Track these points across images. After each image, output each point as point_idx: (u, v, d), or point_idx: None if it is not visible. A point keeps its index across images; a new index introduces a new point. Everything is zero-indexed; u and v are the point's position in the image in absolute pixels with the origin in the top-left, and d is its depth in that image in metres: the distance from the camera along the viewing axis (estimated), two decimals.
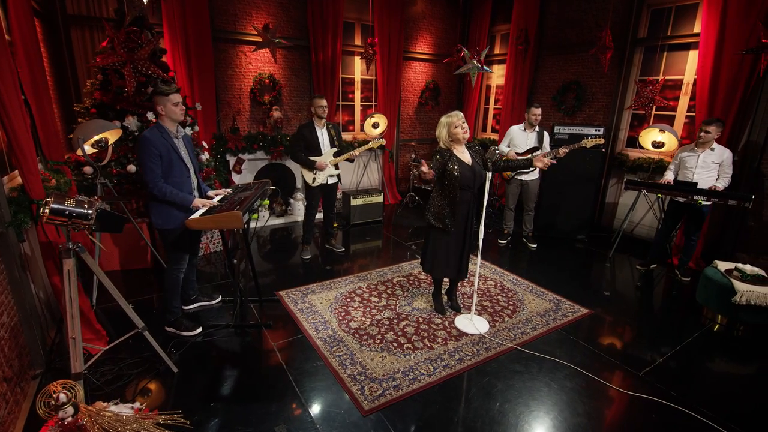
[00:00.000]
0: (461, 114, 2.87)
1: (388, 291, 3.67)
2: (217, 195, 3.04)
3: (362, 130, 6.22)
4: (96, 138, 3.38)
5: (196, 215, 2.54)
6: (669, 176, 3.98)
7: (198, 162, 4.17)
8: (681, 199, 3.79)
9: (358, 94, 6.44)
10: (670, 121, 4.78)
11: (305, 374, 2.58)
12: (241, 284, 3.09)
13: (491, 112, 7.11)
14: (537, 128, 4.58)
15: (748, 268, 3.25)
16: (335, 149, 4.19)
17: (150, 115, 3.77)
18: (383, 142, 4.47)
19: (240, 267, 3.10)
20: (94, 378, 2.46)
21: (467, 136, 2.87)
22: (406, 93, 6.78)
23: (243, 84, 5.36)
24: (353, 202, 5.44)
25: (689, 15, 4.53)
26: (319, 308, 3.34)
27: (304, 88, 5.80)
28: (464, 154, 2.93)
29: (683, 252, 4.12)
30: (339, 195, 5.89)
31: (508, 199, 4.89)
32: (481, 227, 2.94)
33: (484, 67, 4.97)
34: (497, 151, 2.87)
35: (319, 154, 4.12)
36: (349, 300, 3.48)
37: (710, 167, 3.73)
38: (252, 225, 5.37)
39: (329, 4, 5.47)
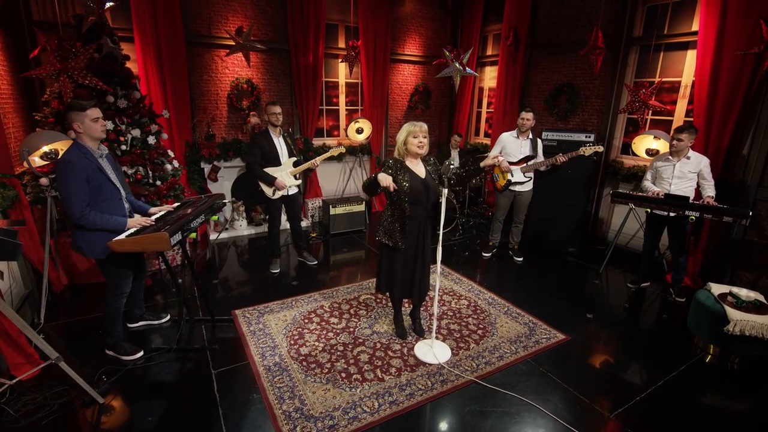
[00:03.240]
0: (425, 127, 2.65)
1: (351, 311, 3.45)
2: (159, 211, 2.86)
3: (347, 135, 6.01)
4: (45, 149, 3.26)
5: (121, 237, 2.36)
6: (652, 187, 3.66)
7: (162, 172, 4.04)
8: (659, 212, 3.56)
9: (342, 98, 6.22)
10: (667, 126, 4.43)
11: (237, 408, 2.38)
12: (186, 308, 2.92)
13: (484, 116, 6.82)
14: (531, 135, 4.28)
15: (743, 292, 2.92)
16: (294, 159, 3.99)
17: (108, 124, 3.63)
18: (343, 150, 4.24)
19: (184, 285, 2.93)
20: (12, 409, 2.30)
21: (422, 152, 2.64)
22: (394, 96, 6.54)
23: (219, 89, 5.21)
24: (332, 211, 5.24)
25: (687, 12, 4.17)
26: (272, 330, 3.14)
27: (285, 93, 5.62)
28: (418, 167, 2.70)
29: (674, 270, 3.78)
30: (318, 203, 5.72)
31: (498, 210, 4.60)
32: (439, 248, 2.69)
33: (468, 69, 4.70)
34: (452, 166, 2.63)
35: (278, 164, 3.92)
36: (306, 321, 3.27)
37: (687, 177, 3.47)
38: (231, 234, 5.24)
39: (310, 6, 5.28)
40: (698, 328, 3.05)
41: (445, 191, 2.56)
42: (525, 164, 4.22)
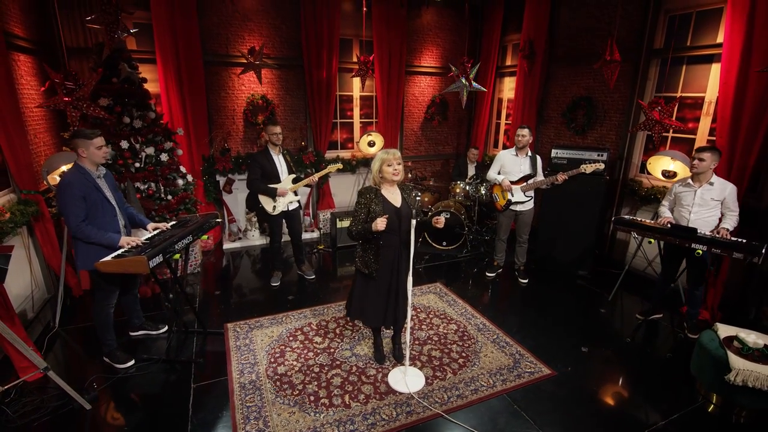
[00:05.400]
0: (398, 153, 2.66)
1: (337, 330, 3.49)
2: (155, 229, 3.05)
3: (360, 148, 6.06)
4: (63, 168, 3.58)
5: (107, 258, 2.54)
6: (666, 213, 3.40)
7: (174, 187, 4.30)
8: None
9: (357, 111, 6.29)
10: (689, 145, 4.09)
11: (206, 426, 2.49)
12: (176, 320, 3.10)
13: (503, 127, 6.62)
14: (530, 152, 4.15)
15: (751, 338, 2.63)
16: (293, 176, 4.09)
17: (123, 144, 3.93)
18: (340, 166, 4.28)
19: (174, 302, 3.11)
20: (11, 410, 2.55)
21: (397, 178, 2.65)
22: (410, 108, 6.51)
23: (236, 105, 5.45)
24: (339, 224, 5.31)
25: (712, 22, 3.82)
26: (257, 346, 3.25)
27: (300, 107, 5.78)
28: (394, 195, 2.70)
29: (689, 303, 3.48)
30: (327, 215, 5.81)
31: (500, 229, 4.48)
32: (409, 279, 2.65)
33: (474, 84, 4.59)
34: (417, 198, 2.61)
35: (278, 181, 4.05)
36: (291, 339, 3.35)
37: (709, 205, 3.16)
38: (244, 244, 5.46)
39: (323, 22, 5.39)
40: (700, 372, 2.80)
41: (414, 222, 2.53)
42: (525, 183, 4.09)
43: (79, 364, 3.13)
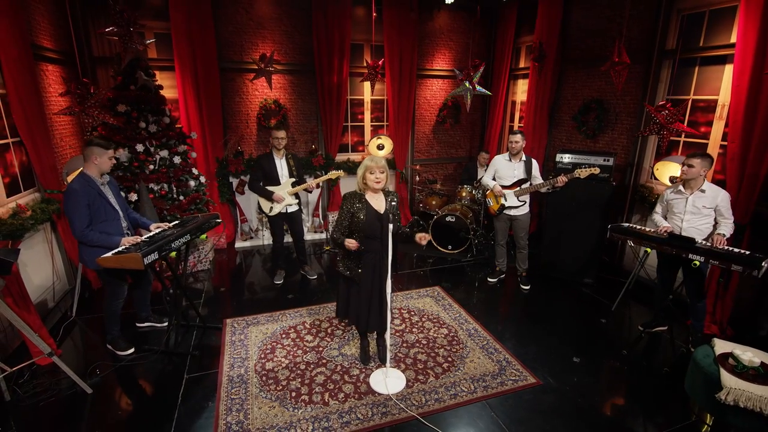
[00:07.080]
0: (383, 162, 2.72)
1: (329, 329, 3.57)
2: (157, 228, 3.25)
3: (369, 152, 6.14)
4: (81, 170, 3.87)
5: (108, 254, 2.74)
6: (662, 221, 3.28)
7: (186, 188, 4.54)
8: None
9: (367, 115, 6.38)
10: (702, 150, 3.87)
11: (191, 414, 2.63)
12: (176, 315, 3.29)
13: None
14: (524, 157, 4.11)
15: (747, 356, 2.49)
16: (293, 179, 4.21)
17: (139, 147, 4.19)
18: (341, 173, 4.37)
19: (175, 297, 3.29)
20: (21, 390, 2.80)
21: (378, 186, 2.71)
22: (421, 111, 6.53)
23: (250, 110, 5.66)
24: None
25: (726, 22, 3.62)
26: (250, 342, 3.38)
27: (311, 111, 5.93)
28: (378, 201, 2.76)
29: (692, 316, 3.32)
30: (326, 219, 5.92)
31: (497, 234, 4.44)
32: (388, 282, 2.70)
33: (479, 88, 4.56)
34: (393, 203, 2.66)
35: (278, 183, 4.18)
36: (283, 336, 3.47)
37: (702, 213, 3.06)
38: (255, 243, 5.67)
39: (335, 28, 5.51)
40: (693, 390, 2.67)
41: (391, 226, 2.58)
42: (518, 188, 4.05)
43: (89, 351, 3.37)
